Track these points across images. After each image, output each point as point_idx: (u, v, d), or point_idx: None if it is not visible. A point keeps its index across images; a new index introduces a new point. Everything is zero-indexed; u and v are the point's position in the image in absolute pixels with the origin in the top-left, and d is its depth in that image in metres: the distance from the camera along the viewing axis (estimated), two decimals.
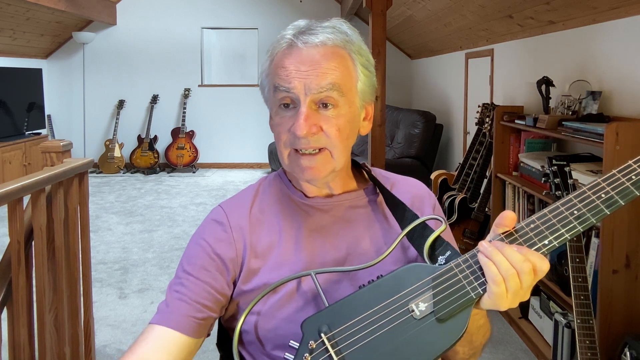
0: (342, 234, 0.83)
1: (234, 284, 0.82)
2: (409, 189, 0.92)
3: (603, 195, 0.65)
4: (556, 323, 2.24)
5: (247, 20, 7.48)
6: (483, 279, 0.65)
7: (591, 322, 1.67)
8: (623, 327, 1.93)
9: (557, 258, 2.30)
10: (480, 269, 0.65)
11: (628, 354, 1.81)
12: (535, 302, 2.59)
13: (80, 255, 2.00)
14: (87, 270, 2.05)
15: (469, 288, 0.65)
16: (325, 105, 0.78)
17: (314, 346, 0.67)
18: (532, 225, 0.66)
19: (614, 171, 0.65)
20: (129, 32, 7.42)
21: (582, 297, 1.68)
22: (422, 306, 0.66)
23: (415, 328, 0.65)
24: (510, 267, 0.62)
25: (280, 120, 0.80)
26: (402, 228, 0.81)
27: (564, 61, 2.99)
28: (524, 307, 2.68)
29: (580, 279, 1.69)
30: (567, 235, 0.64)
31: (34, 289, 1.70)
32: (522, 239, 0.65)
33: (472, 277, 0.66)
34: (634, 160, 0.65)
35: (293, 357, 0.67)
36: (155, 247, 4.09)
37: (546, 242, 0.65)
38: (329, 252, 0.81)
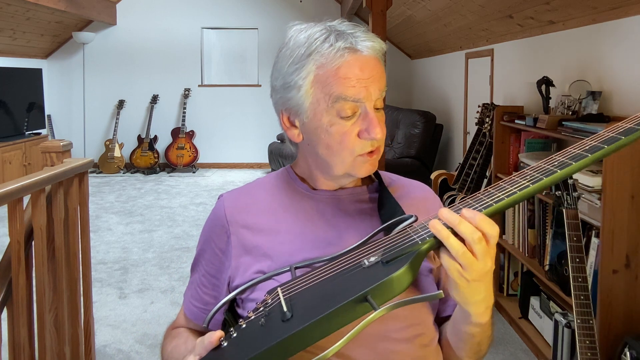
0: (342, 226, 0.85)
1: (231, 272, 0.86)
2: (414, 192, 0.93)
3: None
4: (556, 323, 2.24)
5: (247, 20, 7.48)
6: (428, 230, 0.66)
7: (591, 322, 1.67)
8: (623, 327, 1.92)
9: (557, 258, 2.30)
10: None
11: (628, 354, 1.81)
12: (535, 302, 2.59)
13: (80, 255, 2.00)
14: (87, 270, 2.05)
15: (414, 236, 0.67)
16: (377, 108, 0.80)
17: (269, 299, 0.71)
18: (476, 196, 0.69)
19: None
20: (129, 32, 7.42)
21: (582, 297, 1.68)
22: (372, 259, 0.68)
23: (362, 271, 0.67)
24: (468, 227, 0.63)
25: (342, 128, 0.78)
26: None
27: (564, 61, 2.99)
28: (524, 307, 2.69)
29: (580, 279, 1.69)
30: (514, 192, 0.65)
31: (34, 289, 1.70)
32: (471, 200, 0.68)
33: (419, 229, 0.68)
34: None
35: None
36: (155, 247, 4.09)
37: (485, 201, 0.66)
38: (322, 241, 0.83)
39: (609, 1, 2.45)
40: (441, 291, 0.65)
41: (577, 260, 1.71)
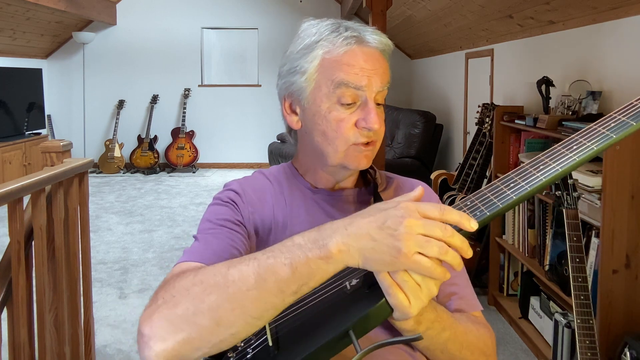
0: None
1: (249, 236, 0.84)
2: (411, 190, 0.93)
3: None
4: (556, 323, 2.24)
5: (247, 20, 7.48)
6: None
7: (591, 322, 1.67)
8: (623, 327, 1.92)
9: (557, 258, 2.30)
10: None
11: (628, 354, 1.81)
12: (535, 302, 2.59)
13: (80, 255, 1.99)
14: (87, 270, 2.05)
15: None
16: (378, 103, 0.82)
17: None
18: None
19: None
20: (129, 32, 7.42)
21: (582, 297, 1.68)
22: (354, 282, 0.68)
23: (344, 297, 0.67)
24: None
25: (340, 115, 0.81)
26: None
27: (564, 61, 2.99)
28: (524, 307, 2.68)
29: (580, 279, 1.69)
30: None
31: (34, 289, 1.70)
32: None
33: None
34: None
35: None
36: (155, 247, 4.09)
37: None
38: None
39: (609, 1, 2.45)
40: (420, 334, 0.65)
41: (577, 260, 1.71)
